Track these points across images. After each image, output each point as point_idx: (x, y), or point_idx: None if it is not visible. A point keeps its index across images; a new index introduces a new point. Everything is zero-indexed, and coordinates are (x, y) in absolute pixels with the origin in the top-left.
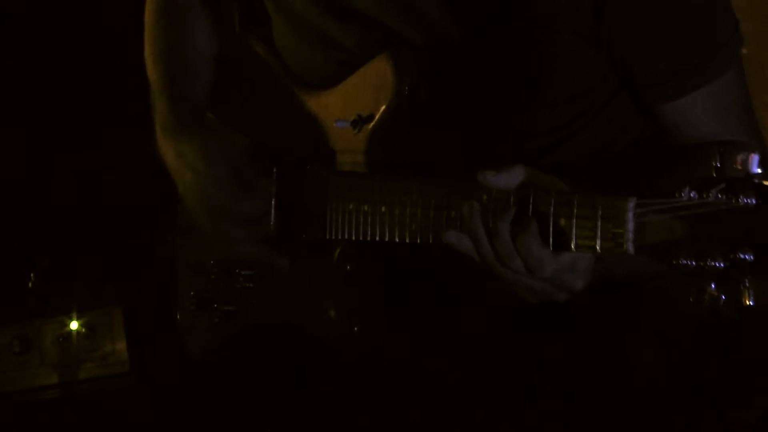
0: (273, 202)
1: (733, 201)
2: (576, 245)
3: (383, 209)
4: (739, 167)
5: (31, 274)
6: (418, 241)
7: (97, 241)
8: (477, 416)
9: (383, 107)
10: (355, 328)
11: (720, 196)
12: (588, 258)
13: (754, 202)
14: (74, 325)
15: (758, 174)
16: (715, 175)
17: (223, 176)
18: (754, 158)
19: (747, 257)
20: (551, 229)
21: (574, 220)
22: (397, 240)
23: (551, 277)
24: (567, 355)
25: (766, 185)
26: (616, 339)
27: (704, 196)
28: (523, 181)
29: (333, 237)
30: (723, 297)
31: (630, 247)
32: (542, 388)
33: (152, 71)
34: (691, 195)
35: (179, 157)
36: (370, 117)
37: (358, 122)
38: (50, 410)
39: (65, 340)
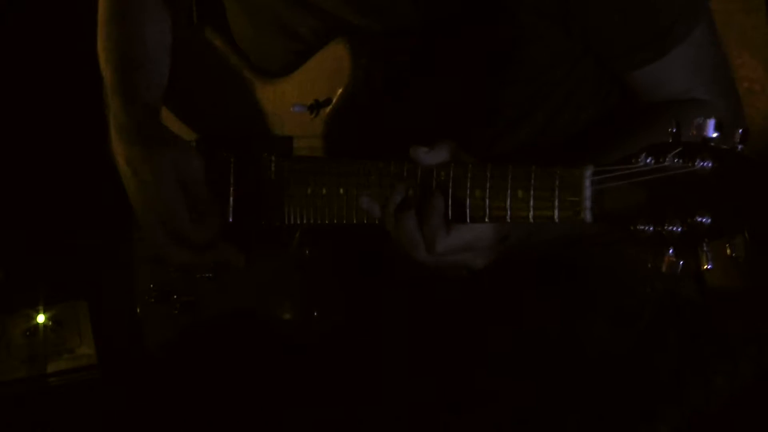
0: (231, 191)
1: (690, 165)
2: (533, 216)
3: (341, 191)
4: (695, 132)
5: None
6: (377, 222)
7: (63, 235)
8: (431, 394)
9: (340, 91)
10: (315, 313)
11: (677, 160)
12: (489, 238)
13: (710, 165)
14: (41, 318)
15: (714, 138)
16: (671, 140)
17: (171, 195)
18: (710, 122)
19: (704, 220)
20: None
21: (532, 192)
22: (355, 222)
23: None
24: (518, 334)
25: (722, 148)
26: (568, 316)
27: (661, 161)
28: (448, 158)
29: (292, 222)
30: (681, 262)
31: (588, 215)
32: (495, 366)
33: (105, 68)
34: (648, 161)
35: (129, 163)
36: (327, 101)
37: (315, 107)
38: (20, 404)
39: (32, 334)
